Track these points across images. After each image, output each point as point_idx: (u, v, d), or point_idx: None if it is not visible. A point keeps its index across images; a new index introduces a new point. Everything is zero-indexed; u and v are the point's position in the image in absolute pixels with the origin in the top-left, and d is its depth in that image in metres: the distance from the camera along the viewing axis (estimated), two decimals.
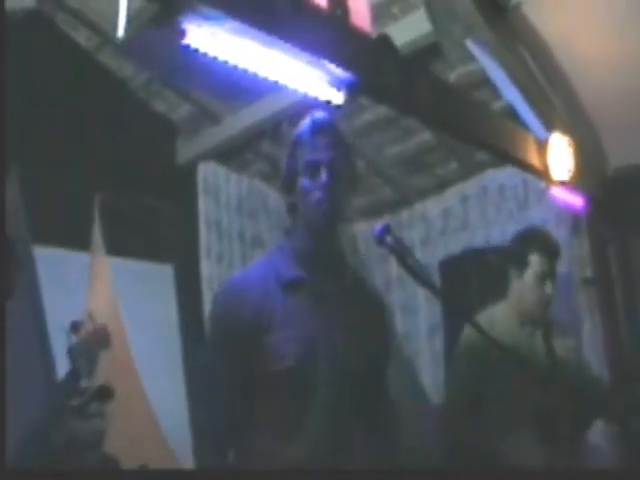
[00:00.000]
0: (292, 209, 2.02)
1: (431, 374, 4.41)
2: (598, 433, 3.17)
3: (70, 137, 3.85)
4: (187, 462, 3.99)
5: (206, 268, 4.24)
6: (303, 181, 1.96)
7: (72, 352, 2.91)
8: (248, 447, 1.92)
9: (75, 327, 2.96)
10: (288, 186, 2.01)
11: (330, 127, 2.01)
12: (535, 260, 2.98)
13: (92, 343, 2.94)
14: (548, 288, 2.97)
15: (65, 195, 3.68)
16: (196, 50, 1.99)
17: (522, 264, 3.00)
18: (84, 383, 2.84)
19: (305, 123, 2.02)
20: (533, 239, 3.05)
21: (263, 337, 1.88)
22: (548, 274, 2.98)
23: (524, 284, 2.99)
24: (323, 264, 2.01)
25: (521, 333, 2.97)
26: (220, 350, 1.94)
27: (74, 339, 2.94)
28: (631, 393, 2.91)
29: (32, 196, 3.41)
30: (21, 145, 3.06)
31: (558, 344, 3.00)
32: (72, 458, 2.66)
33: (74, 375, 2.84)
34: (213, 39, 1.98)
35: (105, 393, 2.87)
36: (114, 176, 4.04)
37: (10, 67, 2.53)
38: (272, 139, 4.29)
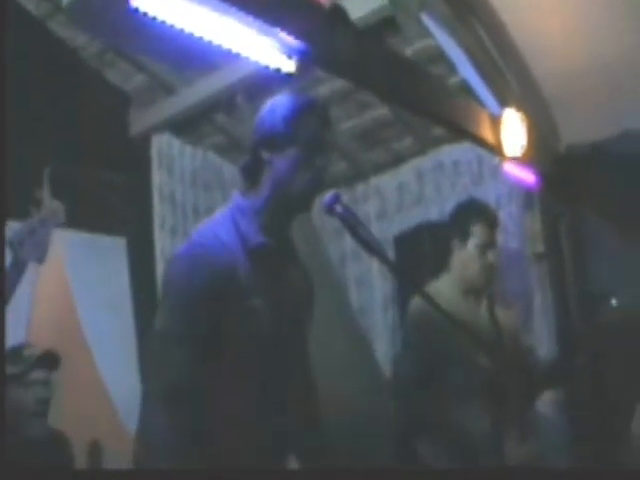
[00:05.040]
0: (264, 165, 1.94)
1: (385, 348, 4.44)
2: (547, 402, 3.24)
3: (19, 108, 3.75)
4: None
5: (160, 241, 4.19)
6: (297, 150, 1.91)
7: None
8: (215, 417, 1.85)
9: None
10: (274, 144, 1.92)
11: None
12: (477, 230, 3.04)
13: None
14: (490, 257, 3.04)
15: (14, 166, 3.59)
16: (144, 14, 1.94)
17: (464, 235, 3.05)
18: (28, 351, 2.76)
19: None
20: (473, 210, 3.11)
21: (233, 304, 1.84)
22: (490, 243, 3.05)
23: (467, 254, 3.05)
24: (284, 233, 2.03)
25: (465, 303, 3.02)
26: (187, 315, 1.82)
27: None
28: (577, 363, 2.98)
29: None
30: None
31: (500, 314, 3.07)
32: (16, 428, 2.60)
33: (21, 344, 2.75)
34: (162, 2, 1.94)
35: (49, 360, 2.78)
36: (66, 147, 3.96)
37: None
38: (227, 111, 4.24)
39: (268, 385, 1.90)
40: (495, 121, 3.37)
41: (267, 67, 2.48)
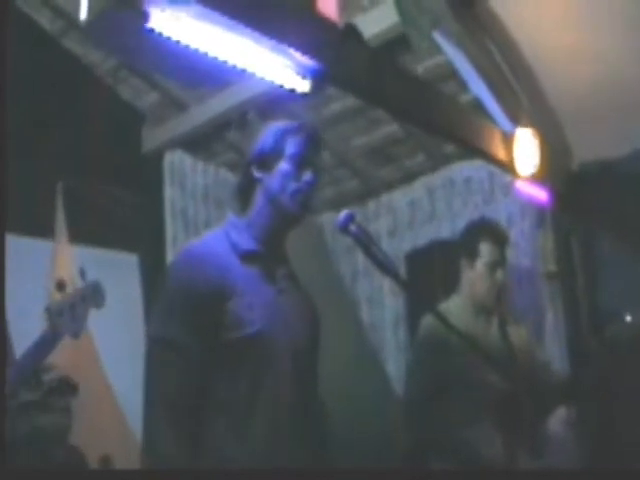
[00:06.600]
0: (255, 183, 2.02)
1: (396, 365, 4.42)
2: (558, 420, 3.22)
3: (34, 123, 3.78)
4: None
5: (172, 257, 4.20)
6: (285, 165, 1.98)
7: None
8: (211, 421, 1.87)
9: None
10: (264, 162, 2.01)
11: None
12: (485, 249, 3.04)
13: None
14: (499, 275, 3.03)
15: (29, 182, 3.62)
16: (160, 34, 1.96)
17: (472, 254, 3.05)
18: (46, 376, 2.72)
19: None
20: (481, 229, 3.11)
21: (226, 304, 1.87)
22: (498, 262, 3.04)
23: (475, 274, 3.05)
24: (276, 246, 2.05)
25: (476, 322, 3.01)
26: (182, 319, 1.86)
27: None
28: (589, 381, 2.96)
29: None
30: None
31: (512, 332, 3.06)
32: (35, 454, 2.56)
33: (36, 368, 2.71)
34: (177, 23, 1.96)
35: (67, 386, 2.75)
36: (79, 163, 3.99)
37: None
38: (238, 129, 4.26)
39: (261, 385, 1.89)
40: (507, 139, 3.37)
41: (280, 85, 2.49)
